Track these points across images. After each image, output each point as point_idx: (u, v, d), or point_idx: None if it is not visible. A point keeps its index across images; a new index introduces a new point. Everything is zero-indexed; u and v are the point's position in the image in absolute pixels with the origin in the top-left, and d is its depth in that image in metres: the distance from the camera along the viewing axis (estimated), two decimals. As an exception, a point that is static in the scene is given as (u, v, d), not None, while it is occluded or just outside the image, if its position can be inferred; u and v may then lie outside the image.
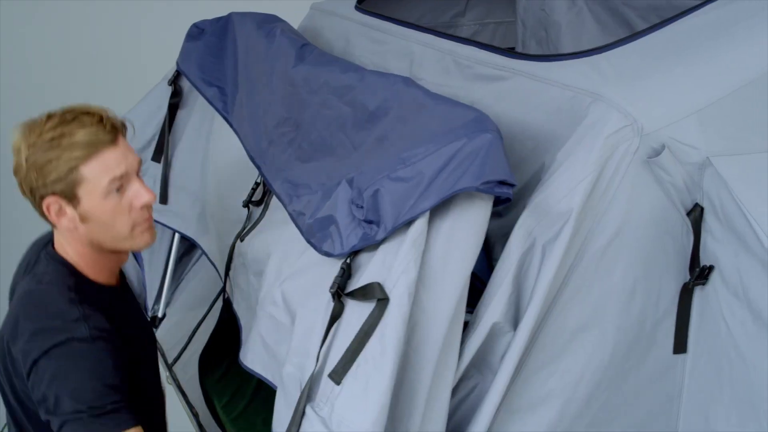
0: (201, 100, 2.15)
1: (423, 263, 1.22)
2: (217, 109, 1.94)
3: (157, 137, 2.25)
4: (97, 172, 1.46)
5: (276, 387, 1.41)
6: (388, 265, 1.23)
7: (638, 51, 1.43)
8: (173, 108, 2.26)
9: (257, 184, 1.98)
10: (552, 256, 1.24)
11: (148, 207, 1.55)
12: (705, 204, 1.32)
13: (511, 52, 1.61)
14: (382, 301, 1.20)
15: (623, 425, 1.41)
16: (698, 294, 1.37)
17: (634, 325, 1.34)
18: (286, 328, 1.44)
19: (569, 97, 1.36)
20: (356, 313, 1.23)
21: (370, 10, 2.10)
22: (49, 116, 1.47)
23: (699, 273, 1.34)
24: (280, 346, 1.46)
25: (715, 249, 1.33)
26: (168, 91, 2.27)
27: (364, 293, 1.23)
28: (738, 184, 1.27)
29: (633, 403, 1.40)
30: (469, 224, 1.26)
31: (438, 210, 1.26)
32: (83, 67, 3.50)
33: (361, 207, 1.33)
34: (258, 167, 1.77)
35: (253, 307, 1.66)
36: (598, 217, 1.27)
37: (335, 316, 1.26)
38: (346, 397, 1.19)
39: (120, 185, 1.49)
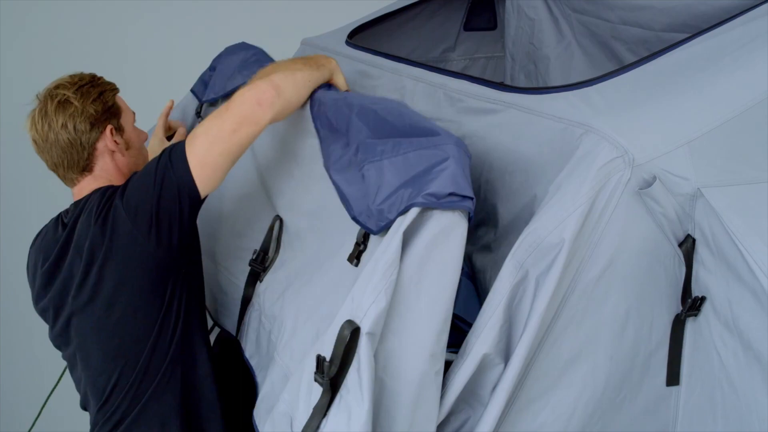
0: None
1: (396, 290, 1.22)
2: None
3: None
4: (124, 106, 1.83)
5: None
6: (359, 297, 1.24)
7: (628, 83, 1.44)
8: None
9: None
10: (545, 288, 1.23)
11: None
12: (697, 235, 1.32)
13: (501, 85, 1.62)
14: (356, 331, 1.20)
15: (617, 458, 1.40)
16: (690, 326, 1.36)
17: (626, 356, 1.34)
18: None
19: (560, 129, 1.37)
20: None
21: (361, 45, 2.12)
22: (71, 77, 1.76)
23: (691, 304, 1.34)
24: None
25: (707, 280, 1.33)
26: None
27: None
28: (729, 214, 1.28)
29: (627, 435, 1.39)
30: (442, 249, 1.25)
31: (410, 236, 1.26)
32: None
33: None
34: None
35: (264, 349, 1.67)
36: (590, 249, 1.27)
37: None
38: (331, 428, 1.20)
39: None
